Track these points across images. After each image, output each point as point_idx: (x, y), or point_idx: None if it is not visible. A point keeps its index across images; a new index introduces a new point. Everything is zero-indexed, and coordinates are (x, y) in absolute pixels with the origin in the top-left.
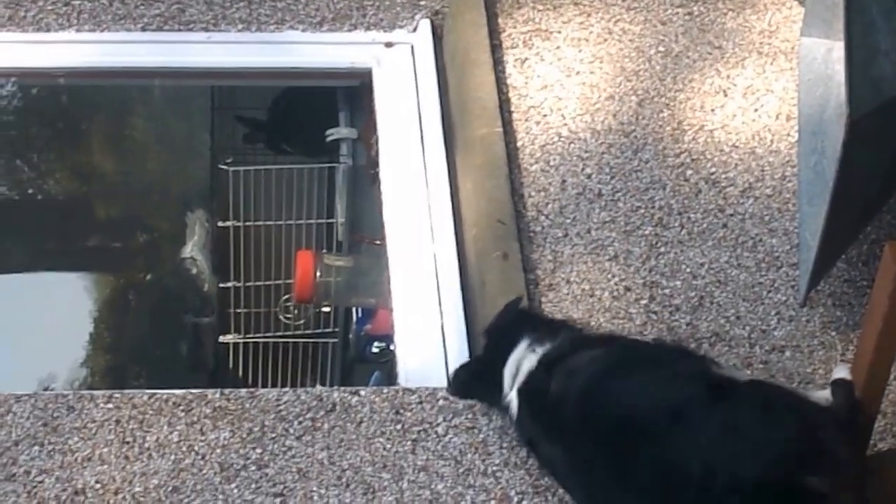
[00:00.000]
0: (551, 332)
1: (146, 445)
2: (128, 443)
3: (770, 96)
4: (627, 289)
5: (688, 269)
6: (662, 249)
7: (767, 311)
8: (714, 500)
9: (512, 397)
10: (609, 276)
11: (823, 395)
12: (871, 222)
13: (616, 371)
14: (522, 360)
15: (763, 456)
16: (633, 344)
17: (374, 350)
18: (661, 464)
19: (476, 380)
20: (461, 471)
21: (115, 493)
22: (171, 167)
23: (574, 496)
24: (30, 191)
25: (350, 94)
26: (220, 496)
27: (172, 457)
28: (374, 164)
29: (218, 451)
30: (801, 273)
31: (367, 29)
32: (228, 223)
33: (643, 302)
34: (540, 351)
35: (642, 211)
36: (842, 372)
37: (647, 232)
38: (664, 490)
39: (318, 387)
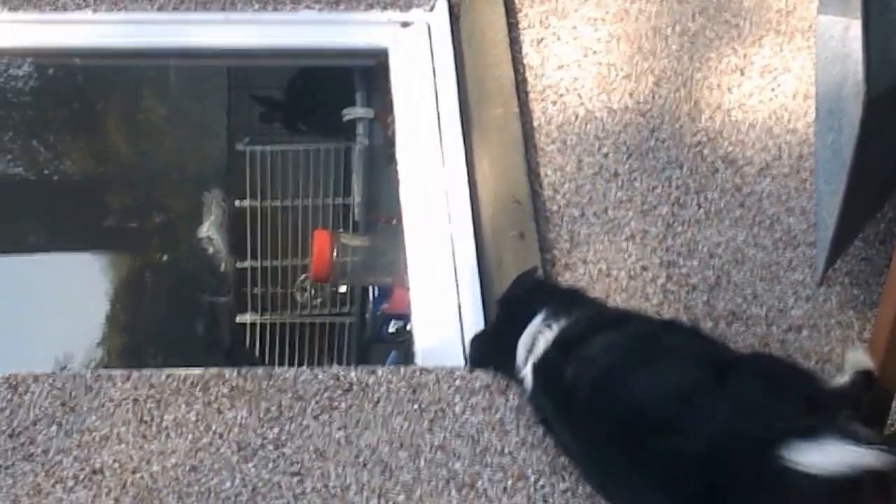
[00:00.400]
0: (567, 306)
1: (164, 425)
2: (145, 422)
3: (787, 75)
4: (644, 268)
5: (705, 249)
6: (679, 229)
7: (784, 291)
8: (723, 482)
9: (527, 373)
10: (626, 255)
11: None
12: (888, 201)
13: (626, 361)
14: (538, 336)
15: (770, 432)
16: (645, 329)
17: (391, 330)
18: (671, 453)
19: (492, 349)
20: (478, 450)
21: (133, 473)
22: (188, 147)
23: (588, 480)
24: (46, 171)
25: (366, 74)
26: (238, 475)
27: (190, 436)
28: (391, 143)
29: (235, 430)
30: (818, 252)
31: (384, 8)
32: (245, 203)
33: (660, 281)
34: (556, 328)
35: (659, 190)
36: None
37: (663, 211)
38: (674, 478)
39: (335, 366)
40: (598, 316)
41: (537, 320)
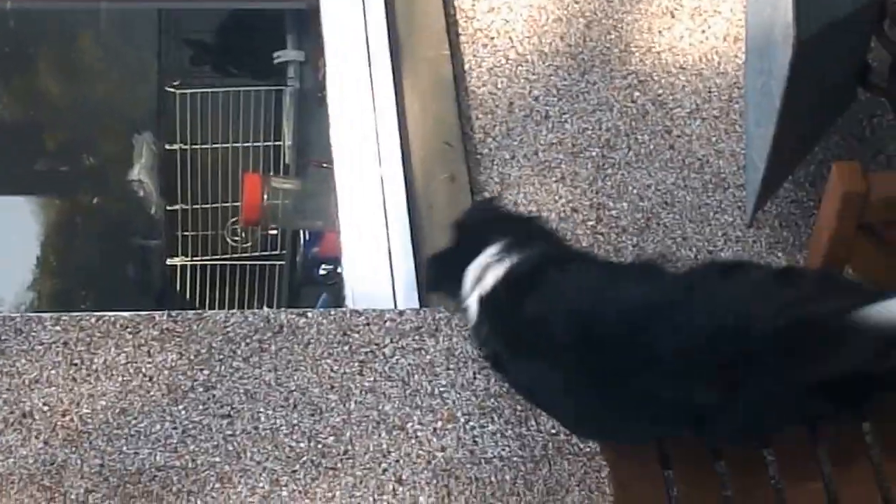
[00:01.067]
0: (523, 239)
1: (94, 367)
2: (75, 365)
3: (717, 17)
4: (574, 210)
5: (635, 191)
6: (609, 171)
7: (714, 233)
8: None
9: (471, 304)
10: (556, 197)
11: None
12: (818, 143)
13: (610, 282)
14: (489, 267)
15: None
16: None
17: (322, 272)
18: (685, 330)
19: (446, 273)
20: (408, 392)
21: (63, 415)
22: (119, 90)
23: (556, 414)
24: None
25: (297, 17)
26: (168, 418)
27: (120, 378)
28: (322, 86)
29: (165, 372)
30: (747, 194)
31: None
32: (176, 146)
33: (590, 223)
34: (508, 261)
35: (589, 132)
36: None
37: (594, 153)
38: (691, 353)
39: (266, 309)
40: (558, 251)
41: (490, 251)
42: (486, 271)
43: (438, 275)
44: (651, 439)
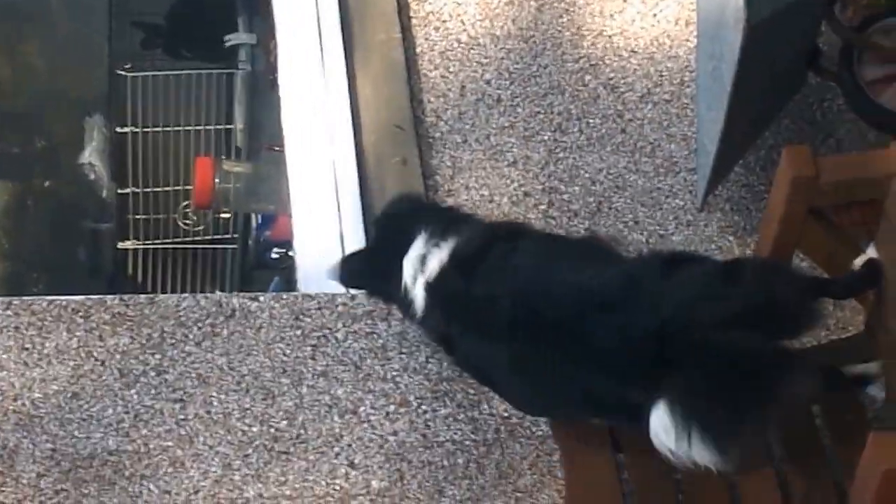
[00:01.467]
0: (451, 224)
1: (45, 352)
2: (27, 349)
3: (669, 1)
4: (527, 194)
5: (586, 175)
6: (561, 155)
7: (665, 216)
8: (675, 351)
9: (417, 293)
10: (508, 181)
11: None
12: (768, 127)
13: (553, 263)
14: (428, 255)
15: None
16: (552, 237)
17: (274, 256)
18: (620, 328)
19: (369, 270)
20: (361, 376)
21: (14, 400)
22: (69, 73)
23: (504, 393)
24: None
25: (249, 0)
26: (120, 402)
27: (72, 363)
28: (273, 69)
29: (117, 356)
30: (699, 178)
31: None
32: (127, 129)
33: (542, 207)
34: (446, 246)
35: (541, 116)
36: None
37: (545, 137)
38: (624, 352)
39: (218, 293)
40: (495, 233)
41: (422, 239)
42: (425, 259)
43: (361, 273)
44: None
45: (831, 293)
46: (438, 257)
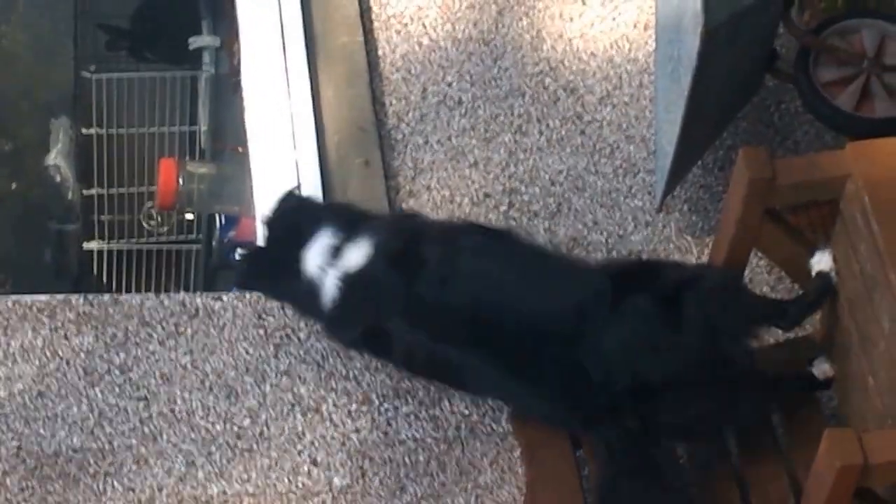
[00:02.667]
0: (354, 219)
1: (10, 351)
2: None
3: (628, 4)
4: (487, 195)
5: (546, 176)
6: (521, 156)
7: (624, 217)
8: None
9: (328, 283)
10: (469, 182)
11: None
12: (726, 129)
13: (507, 276)
14: (342, 247)
15: (656, 361)
16: (501, 243)
17: (238, 257)
18: (565, 364)
19: (265, 269)
20: (323, 375)
21: None
22: (34, 75)
23: (455, 382)
24: None
25: (212, 2)
26: (85, 400)
27: (37, 362)
28: (237, 72)
29: (82, 355)
30: (657, 179)
31: None
32: (92, 130)
33: (502, 208)
34: (364, 240)
35: (502, 118)
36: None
37: (506, 139)
38: (571, 390)
39: (182, 292)
40: (418, 228)
41: (327, 232)
42: (338, 251)
43: (257, 271)
44: None
45: (782, 324)
46: (358, 250)
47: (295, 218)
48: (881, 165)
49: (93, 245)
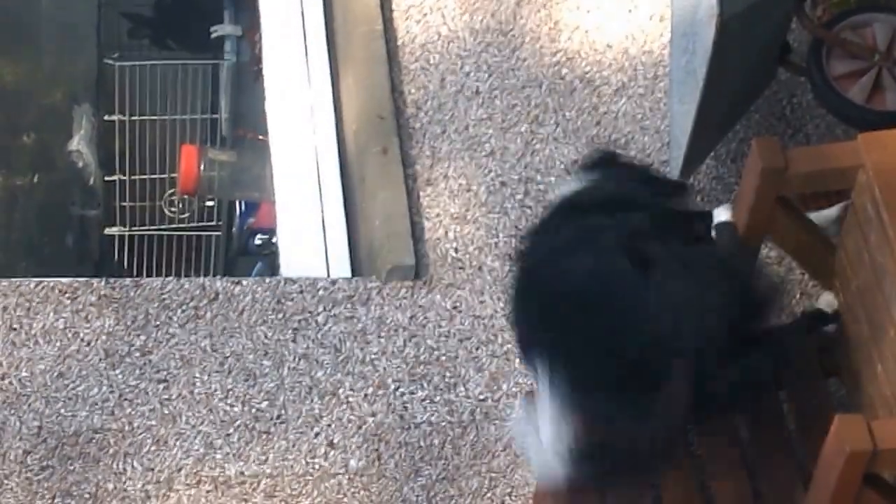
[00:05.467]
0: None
1: (32, 332)
2: (14, 329)
3: None
4: (503, 184)
5: (562, 166)
6: (538, 146)
7: None
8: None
9: None
10: (486, 171)
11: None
12: (739, 121)
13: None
14: None
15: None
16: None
17: (257, 243)
18: (601, 342)
19: None
20: (340, 359)
21: (2, 378)
22: (59, 62)
23: None
24: None
25: None
26: (105, 381)
27: (58, 343)
28: (258, 60)
29: (103, 337)
30: (671, 169)
31: None
32: (114, 117)
33: (518, 197)
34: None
35: (518, 108)
36: (723, 215)
37: (523, 129)
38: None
39: (202, 277)
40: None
41: None
42: None
43: None
44: None
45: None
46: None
47: None
48: (892, 156)
49: (114, 231)
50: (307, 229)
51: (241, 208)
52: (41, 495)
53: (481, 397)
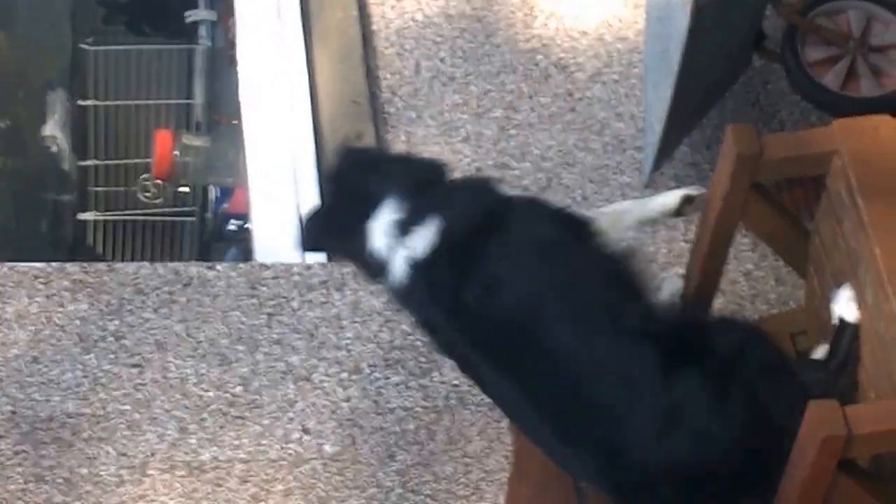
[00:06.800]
0: (421, 185)
1: (5, 317)
2: None
3: None
4: (478, 169)
5: (537, 152)
6: (513, 132)
7: (613, 192)
8: (647, 485)
9: (397, 265)
10: (461, 157)
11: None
12: (714, 107)
13: (552, 306)
14: (411, 228)
15: (703, 450)
16: (562, 252)
17: (231, 228)
18: (599, 433)
19: (330, 232)
20: (314, 344)
21: None
22: (32, 47)
23: (487, 392)
24: None
25: None
26: (79, 366)
27: (32, 328)
28: (232, 45)
29: (77, 322)
30: (645, 156)
31: None
32: (89, 102)
33: None
34: (432, 223)
35: (493, 94)
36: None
37: (497, 115)
38: (595, 460)
39: (176, 262)
40: (477, 208)
41: (393, 203)
42: (407, 229)
43: (323, 232)
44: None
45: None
46: (427, 236)
47: (358, 175)
48: (867, 142)
49: (88, 216)
50: (282, 214)
51: (215, 193)
52: (14, 480)
53: (455, 383)
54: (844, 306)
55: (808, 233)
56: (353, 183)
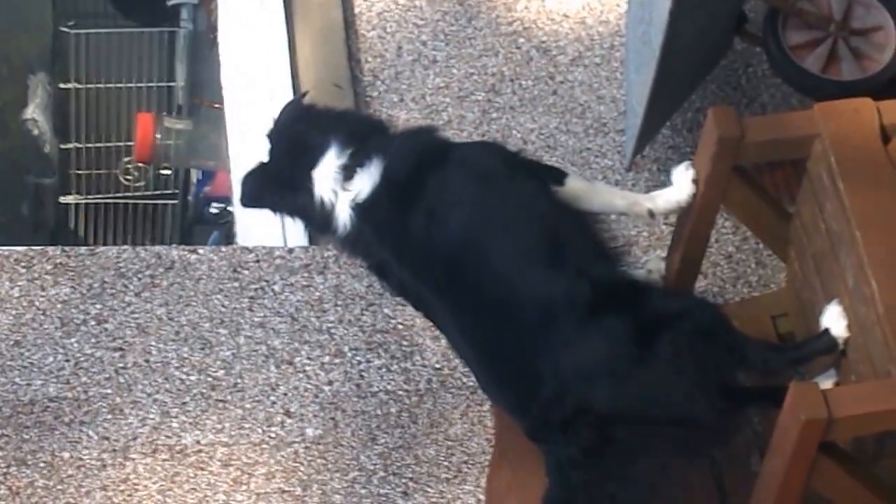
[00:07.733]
0: (363, 132)
1: None
2: None
3: None
4: None
5: (518, 135)
6: (494, 115)
7: (595, 175)
8: (559, 418)
9: (341, 210)
10: None
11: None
12: (695, 91)
13: (493, 236)
14: (353, 169)
15: (614, 392)
16: (509, 186)
17: (213, 211)
18: (521, 360)
19: (268, 185)
20: (297, 327)
21: None
22: (13, 30)
23: (440, 328)
24: None
25: None
26: (61, 350)
27: (13, 312)
28: (214, 28)
29: (58, 306)
30: (627, 139)
31: None
32: (70, 85)
33: None
34: (374, 165)
35: (475, 77)
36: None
37: (479, 98)
38: (516, 387)
39: (158, 245)
40: (427, 151)
41: (335, 150)
42: (350, 174)
43: (260, 188)
44: None
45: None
46: (369, 177)
47: (301, 128)
48: (848, 125)
49: (70, 199)
50: None
51: (197, 176)
52: None
53: (437, 366)
54: (834, 322)
55: (789, 216)
56: (296, 135)
